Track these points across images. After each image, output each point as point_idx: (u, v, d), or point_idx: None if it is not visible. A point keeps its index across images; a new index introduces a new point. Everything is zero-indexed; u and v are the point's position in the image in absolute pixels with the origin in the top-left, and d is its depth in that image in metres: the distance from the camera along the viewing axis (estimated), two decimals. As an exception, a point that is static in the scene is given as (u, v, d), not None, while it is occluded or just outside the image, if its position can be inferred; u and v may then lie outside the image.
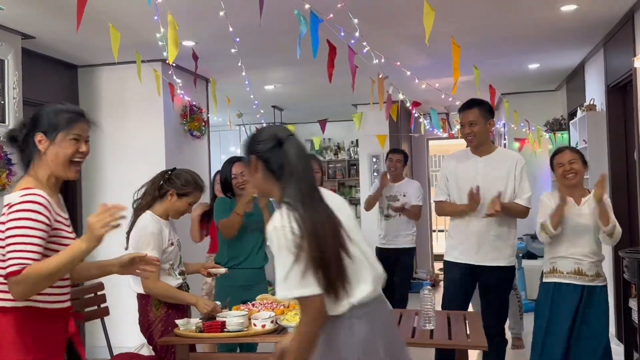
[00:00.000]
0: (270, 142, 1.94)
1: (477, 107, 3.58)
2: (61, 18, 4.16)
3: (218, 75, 5.80)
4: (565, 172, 3.54)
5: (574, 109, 6.74)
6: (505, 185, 3.57)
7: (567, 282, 3.52)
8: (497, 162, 3.63)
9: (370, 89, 4.96)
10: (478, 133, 3.59)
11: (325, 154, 10.38)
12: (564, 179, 3.55)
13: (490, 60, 5.99)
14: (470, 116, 3.59)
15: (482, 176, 3.58)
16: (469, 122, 3.59)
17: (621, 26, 4.75)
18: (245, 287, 3.68)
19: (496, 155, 3.68)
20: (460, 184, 3.65)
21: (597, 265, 3.51)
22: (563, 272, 3.54)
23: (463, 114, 3.63)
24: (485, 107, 3.62)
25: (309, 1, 3.23)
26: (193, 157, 6.03)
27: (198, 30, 4.59)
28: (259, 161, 1.95)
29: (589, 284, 3.50)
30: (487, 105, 3.64)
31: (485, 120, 3.60)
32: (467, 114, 3.60)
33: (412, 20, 4.37)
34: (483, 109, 3.60)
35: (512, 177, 3.59)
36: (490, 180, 3.56)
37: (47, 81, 5.21)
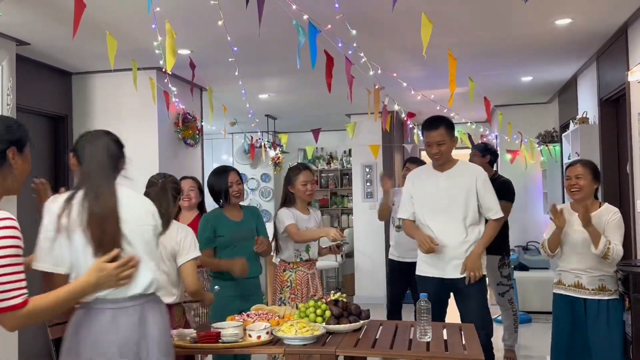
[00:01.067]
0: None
1: (443, 126, 3.58)
2: (56, 25, 4.14)
3: (212, 84, 5.80)
4: (571, 186, 3.58)
5: (567, 122, 6.79)
6: (465, 199, 3.60)
7: (568, 294, 3.60)
8: (457, 177, 3.65)
9: (365, 99, 4.97)
10: (445, 152, 3.60)
11: (318, 163, 10.39)
12: (569, 192, 3.62)
13: (485, 72, 6.03)
14: (437, 136, 3.57)
15: (443, 192, 3.63)
16: (436, 142, 3.58)
17: (614, 40, 4.80)
18: (242, 297, 3.66)
19: (457, 169, 3.69)
20: (423, 201, 3.69)
21: (601, 279, 3.50)
22: (565, 285, 3.63)
23: (429, 134, 3.60)
24: (450, 125, 3.64)
25: (307, 12, 3.23)
26: (187, 165, 6.01)
27: (194, 39, 4.58)
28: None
29: (590, 297, 3.51)
30: (451, 123, 3.66)
31: (451, 138, 3.61)
32: (434, 134, 3.58)
33: (409, 32, 4.39)
34: (449, 128, 3.61)
35: (474, 192, 3.61)
36: (451, 195, 3.61)
37: (41, 88, 5.18)
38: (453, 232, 3.60)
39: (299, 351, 2.68)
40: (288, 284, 3.83)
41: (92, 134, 2.40)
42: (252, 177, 10.33)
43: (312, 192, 3.91)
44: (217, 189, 3.76)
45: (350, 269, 8.75)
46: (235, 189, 3.75)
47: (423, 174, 3.80)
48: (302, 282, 3.84)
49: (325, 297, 3.16)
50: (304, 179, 3.86)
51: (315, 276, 3.94)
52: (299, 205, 3.94)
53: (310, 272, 3.91)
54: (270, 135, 8.96)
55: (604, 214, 3.50)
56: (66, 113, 5.51)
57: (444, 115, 3.72)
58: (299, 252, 3.86)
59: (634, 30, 4.38)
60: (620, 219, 3.50)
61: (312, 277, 3.90)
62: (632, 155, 4.52)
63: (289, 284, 3.82)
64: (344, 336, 2.90)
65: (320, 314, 2.99)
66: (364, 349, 2.76)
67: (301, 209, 3.93)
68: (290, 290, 3.81)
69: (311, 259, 3.91)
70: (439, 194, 3.63)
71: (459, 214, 3.61)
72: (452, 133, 3.63)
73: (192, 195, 4.29)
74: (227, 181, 3.74)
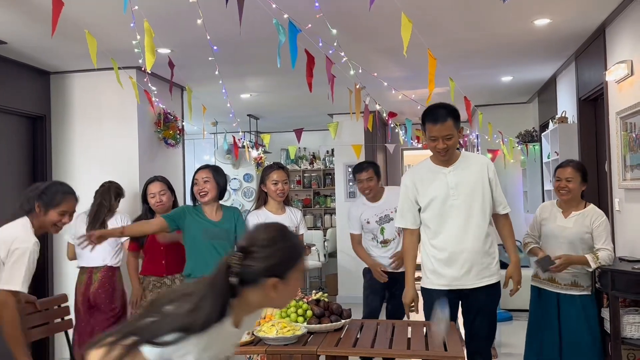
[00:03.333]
0: None
1: (451, 118, 3.09)
2: (34, 24, 4.08)
3: (193, 84, 5.76)
4: (560, 188, 3.68)
5: (546, 121, 6.86)
6: (482, 194, 3.18)
7: (543, 287, 3.76)
8: (467, 170, 3.22)
9: (346, 99, 4.97)
10: (452, 146, 3.15)
11: (300, 163, 10.38)
12: (558, 193, 3.72)
13: (465, 72, 6.07)
14: (445, 130, 3.08)
15: (454, 189, 3.17)
16: (443, 137, 3.09)
17: (592, 40, 4.85)
18: None
19: (463, 161, 3.25)
20: (432, 204, 3.20)
21: (575, 275, 3.63)
22: (540, 278, 3.78)
23: (434, 127, 3.09)
24: (457, 115, 3.16)
25: (288, 11, 3.22)
26: (167, 165, 5.96)
27: (174, 38, 4.55)
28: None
29: (563, 292, 3.68)
30: (457, 112, 3.17)
31: (457, 131, 3.15)
32: (442, 128, 3.07)
33: (389, 32, 4.40)
34: (456, 118, 3.14)
35: (487, 184, 3.21)
36: (464, 191, 3.17)
37: (19, 88, 5.11)
38: (473, 234, 3.15)
39: (281, 351, 2.68)
40: None
41: None
42: (235, 177, 10.29)
43: (283, 191, 3.83)
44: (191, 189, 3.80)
45: (333, 269, 8.76)
46: (200, 187, 3.71)
47: (425, 172, 3.28)
48: None
49: (307, 297, 3.16)
50: (275, 178, 3.83)
51: None
52: (271, 204, 3.89)
53: None
54: (253, 135, 8.93)
55: (588, 214, 3.62)
56: (44, 113, 5.44)
57: (448, 104, 3.19)
58: None
59: (612, 30, 4.44)
60: (606, 222, 3.63)
61: None
62: (610, 154, 4.58)
63: None
64: (325, 336, 2.90)
65: (302, 314, 2.98)
66: (346, 348, 2.77)
67: (274, 209, 3.88)
68: None
69: None
70: (449, 193, 3.17)
71: (477, 211, 3.16)
72: (459, 123, 3.18)
73: (164, 199, 4.23)
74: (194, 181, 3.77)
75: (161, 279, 4.15)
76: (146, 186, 4.31)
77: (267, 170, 3.91)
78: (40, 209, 2.93)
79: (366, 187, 4.34)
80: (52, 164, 5.47)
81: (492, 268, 3.22)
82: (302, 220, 4.00)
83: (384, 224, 4.35)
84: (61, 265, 5.44)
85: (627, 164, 4.15)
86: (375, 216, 4.36)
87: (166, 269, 4.14)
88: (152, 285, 4.13)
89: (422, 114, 3.18)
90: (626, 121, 4.13)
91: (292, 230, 1.64)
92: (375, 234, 4.38)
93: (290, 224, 3.84)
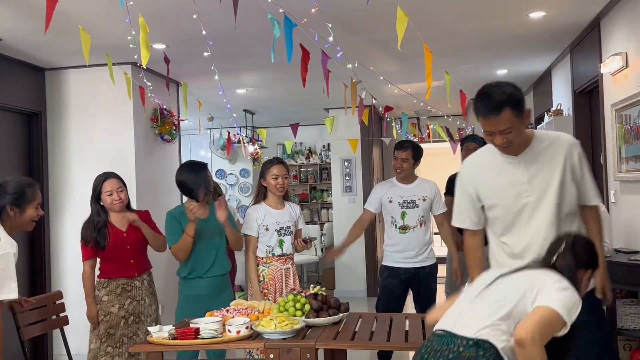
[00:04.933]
0: None
1: (509, 108, 2.39)
2: (28, 20, 4.07)
3: (189, 79, 5.75)
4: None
5: (541, 114, 6.87)
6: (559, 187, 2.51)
7: None
8: (543, 157, 2.55)
9: (342, 93, 4.97)
10: (515, 139, 2.47)
11: (297, 157, 10.39)
12: None
13: (460, 65, 6.07)
14: (501, 124, 2.41)
15: (527, 184, 2.53)
16: (500, 132, 2.44)
17: (587, 33, 4.86)
18: (211, 296, 3.60)
19: (538, 147, 2.56)
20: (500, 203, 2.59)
21: None
22: None
23: (489, 121, 2.43)
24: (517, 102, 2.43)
25: (283, 5, 3.22)
26: (163, 161, 5.96)
27: (169, 33, 4.54)
28: None
29: None
30: (517, 97, 2.44)
31: (520, 120, 2.44)
32: (497, 122, 2.41)
33: (385, 26, 4.40)
34: (516, 106, 2.42)
35: (569, 173, 2.53)
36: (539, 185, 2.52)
37: (14, 84, 5.09)
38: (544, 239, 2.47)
39: (279, 345, 2.69)
40: (261, 279, 3.74)
41: None
42: (231, 172, 10.28)
43: (283, 186, 3.78)
44: (191, 186, 3.61)
45: (330, 263, 8.78)
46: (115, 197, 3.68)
47: (488, 164, 2.65)
48: (275, 277, 3.74)
49: (305, 291, 3.17)
50: (275, 173, 3.79)
51: (291, 271, 3.83)
52: (270, 199, 3.84)
53: (285, 267, 3.79)
54: (249, 130, 8.92)
55: None
56: (40, 109, 5.42)
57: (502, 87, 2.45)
58: (271, 248, 3.77)
59: (607, 22, 4.44)
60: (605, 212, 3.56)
61: (286, 273, 3.80)
62: (605, 146, 4.59)
63: (262, 279, 3.74)
64: (323, 329, 2.91)
65: (300, 308, 2.99)
66: (344, 341, 2.78)
67: (273, 204, 3.83)
68: (262, 285, 3.72)
69: (285, 254, 3.80)
70: (522, 188, 2.54)
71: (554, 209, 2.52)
72: (521, 109, 2.44)
73: (123, 197, 3.74)
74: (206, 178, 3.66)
75: (132, 280, 3.71)
76: (100, 184, 3.73)
77: (267, 164, 3.86)
78: (15, 211, 2.81)
79: (399, 165, 4.26)
80: (47, 160, 5.46)
81: None
82: (301, 215, 3.98)
83: (406, 209, 4.22)
84: (58, 262, 5.44)
85: (623, 156, 4.17)
86: (399, 197, 4.23)
87: (136, 268, 3.74)
88: (122, 289, 3.67)
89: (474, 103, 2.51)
90: (621, 113, 4.15)
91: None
92: (394, 218, 4.25)
93: (289, 219, 3.83)
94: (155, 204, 5.75)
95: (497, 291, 2.14)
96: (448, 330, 2.10)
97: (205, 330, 2.78)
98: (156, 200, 5.67)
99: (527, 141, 2.55)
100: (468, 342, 2.01)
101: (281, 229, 3.78)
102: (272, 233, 3.75)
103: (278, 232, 3.77)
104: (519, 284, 2.13)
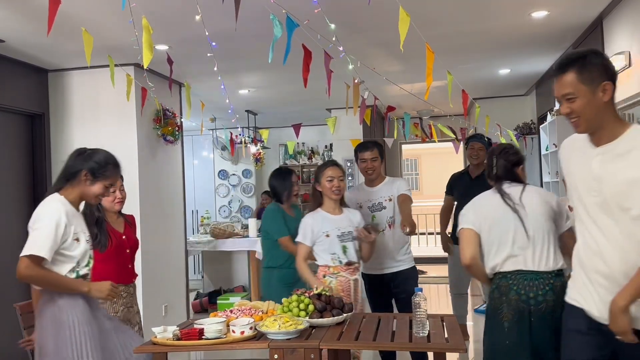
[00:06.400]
0: None
1: (575, 70, 2.10)
2: (31, 22, 4.08)
3: (191, 80, 5.76)
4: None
5: (544, 114, 6.87)
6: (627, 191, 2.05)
7: None
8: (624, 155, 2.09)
9: (344, 93, 4.98)
10: (582, 112, 2.11)
11: (299, 158, 10.40)
12: None
13: (463, 65, 6.07)
14: (564, 87, 2.13)
15: (597, 180, 2.14)
16: (563, 96, 2.14)
17: (590, 32, 4.86)
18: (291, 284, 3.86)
19: (623, 143, 2.11)
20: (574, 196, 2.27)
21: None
22: None
23: (555, 82, 2.17)
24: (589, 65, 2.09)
25: (286, 6, 3.22)
26: (167, 162, 5.97)
27: (172, 34, 4.55)
28: None
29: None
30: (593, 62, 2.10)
31: (589, 89, 2.09)
32: (560, 84, 2.14)
33: (387, 26, 4.40)
34: (585, 72, 2.09)
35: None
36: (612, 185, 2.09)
37: (17, 86, 5.10)
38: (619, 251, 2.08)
39: (283, 346, 2.69)
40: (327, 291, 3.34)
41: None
42: (234, 173, 10.30)
43: (339, 188, 3.54)
44: (278, 190, 4.16)
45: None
46: (295, 189, 4.18)
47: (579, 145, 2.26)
48: (344, 290, 3.45)
49: (308, 291, 3.17)
50: (330, 175, 3.53)
51: (359, 283, 3.54)
52: (327, 204, 3.57)
53: (353, 279, 3.48)
54: (251, 131, 8.93)
55: None
56: (43, 111, 5.43)
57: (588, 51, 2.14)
58: (336, 255, 3.47)
59: (609, 22, 4.44)
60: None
61: (355, 285, 3.49)
62: (608, 145, 4.58)
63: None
64: (327, 330, 2.91)
65: (304, 308, 3.00)
66: (348, 341, 2.78)
67: (330, 209, 3.56)
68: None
69: (351, 261, 3.49)
70: (591, 184, 2.16)
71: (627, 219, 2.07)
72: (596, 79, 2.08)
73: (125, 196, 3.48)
74: (291, 183, 4.15)
75: (128, 287, 3.43)
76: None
77: (321, 167, 3.62)
78: (87, 178, 2.76)
79: (370, 166, 3.97)
80: (51, 161, 5.47)
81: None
82: (362, 221, 3.64)
83: (375, 212, 3.98)
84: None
85: (626, 155, 4.16)
86: (368, 202, 3.99)
87: (133, 274, 3.50)
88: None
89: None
90: (624, 112, 4.14)
91: None
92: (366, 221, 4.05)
93: (349, 224, 3.54)
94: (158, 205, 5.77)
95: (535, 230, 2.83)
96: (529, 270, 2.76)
97: (209, 330, 2.78)
98: (159, 201, 5.69)
99: (616, 131, 2.12)
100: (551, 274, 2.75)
101: (342, 234, 3.50)
102: (333, 239, 3.48)
103: (340, 238, 3.49)
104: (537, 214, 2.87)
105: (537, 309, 2.76)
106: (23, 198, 5.22)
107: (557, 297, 2.69)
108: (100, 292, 2.75)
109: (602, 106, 2.11)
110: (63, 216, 2.64)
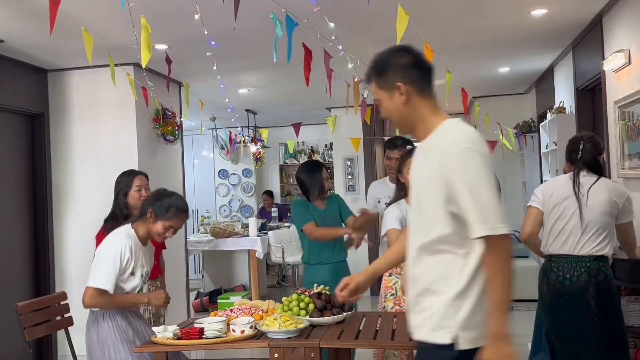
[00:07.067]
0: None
1: (374, 76, 2.15)
2: (31, 21, 4.07)
3: (191, 79, 5.75)
4: None
5: (544, 112, 6.86)
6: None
7: None
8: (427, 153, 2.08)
9: (344, 92, 4.97)
10: (388, 114, 2.15)
11: (299, 157, 10.39)
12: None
13: (462, 63, 6.06)
14: (374, 94, 2.15)
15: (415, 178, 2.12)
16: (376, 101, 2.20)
17: (590, 30, 4.85)
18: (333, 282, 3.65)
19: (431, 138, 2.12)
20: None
21: None
22: None
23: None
24: (379, 68, 2.15)
25: (285, 5, 3.22)
26: (166, 161, 5.96)
27: (171, 34, 4.54)
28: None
29: None
30: (382, 63, 2.18)
31: (387, 92, 2.12)
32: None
33: (387, 25, 4.39)
34: (380, 76, 2.14)
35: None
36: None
37: (17, 86, 5.10)
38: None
39: (283, 345, 2.69)
40: (392, 292, 3.27)
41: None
42: (234, 172, 10.31)
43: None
44: (308, 185, 3.97)
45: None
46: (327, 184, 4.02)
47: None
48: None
49: (309, 290, 3.17)
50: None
51: None
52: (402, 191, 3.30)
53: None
54: (251, 130, 8.93)
55: None
56: (43, 111, 5.43)
57: (381, 53, 2.22)
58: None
59: (609, 19, 4.44)
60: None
61: None
62: (608, 143, 4.58)
63: (394, 292, 3.27)
64: (327, 328, 2.91)
65: (304, 307, 3.00)
66: (348, 340, 2.78)
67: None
68: (394, 300, 3.26)
69: None
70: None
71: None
72: (384, 79, 2.12)
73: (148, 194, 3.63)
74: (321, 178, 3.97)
75: (155, 281, 3.74)
76: (132, 179, 3.71)
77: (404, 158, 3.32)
78: (152, 216, 2.99)
79: (394, 165, 3.80)
80: (51, 161, 5.47)
81: None
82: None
83: None
84: (61, 263, 5.45)
85: (626, 153, 4.16)
86: (388, 198, 3.76)
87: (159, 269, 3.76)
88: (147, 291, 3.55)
89: None
90: (624, 110, 4.14)
91: None
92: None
93: None
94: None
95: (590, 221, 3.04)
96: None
97: (210, 330, 2.78)
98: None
99: (428, 128, 2.11)
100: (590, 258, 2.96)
101: None
102: None
103: None
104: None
105: (572, 288, 3.07)
106: (23, 198, 5.22)
107: (590, 278, 3.03)
108: (159, 300, 3.03)
109: (401, 103, 2.07)
110: (127, 251, 2.91)
